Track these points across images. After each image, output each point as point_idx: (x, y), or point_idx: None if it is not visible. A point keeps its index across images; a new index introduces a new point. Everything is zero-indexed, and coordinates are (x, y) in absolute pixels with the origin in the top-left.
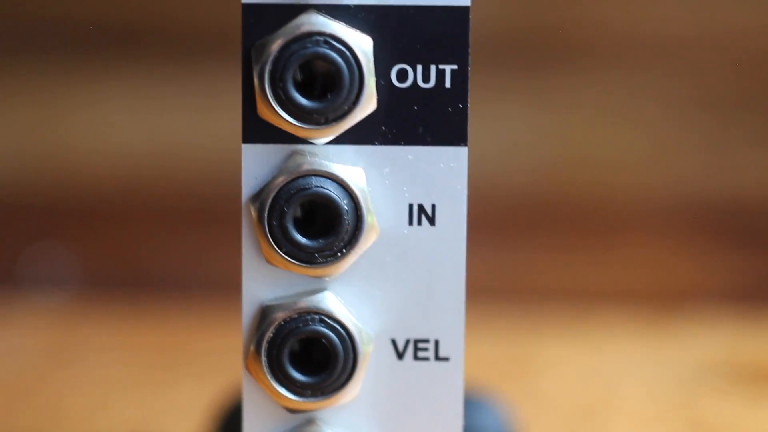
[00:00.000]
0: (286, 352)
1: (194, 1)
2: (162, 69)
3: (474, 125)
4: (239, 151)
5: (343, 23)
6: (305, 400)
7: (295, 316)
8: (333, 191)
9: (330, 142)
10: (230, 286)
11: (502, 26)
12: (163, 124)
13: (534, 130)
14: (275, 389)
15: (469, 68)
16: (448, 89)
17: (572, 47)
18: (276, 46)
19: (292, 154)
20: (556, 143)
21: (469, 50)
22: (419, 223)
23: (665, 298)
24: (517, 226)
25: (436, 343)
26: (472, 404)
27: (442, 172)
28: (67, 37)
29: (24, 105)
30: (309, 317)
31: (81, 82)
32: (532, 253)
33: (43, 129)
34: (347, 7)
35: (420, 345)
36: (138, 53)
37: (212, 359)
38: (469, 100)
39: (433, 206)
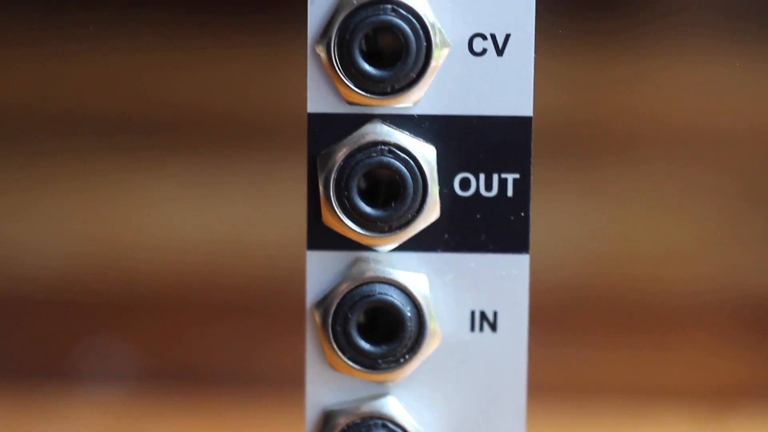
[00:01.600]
0: None
1: (250, 92)
2: (217, 161)
3: None
4: (293, 244)
5: (408, 132)
6: None
7: (358, 421)
8: (396, 298)
9: (393, 250)
10: (285, 382)
11: (553, 119)
12: (219, 216)
13: (585, 222)
14: None
15: (531, 177)
16: (510, 198)
17: (623, 140)
18: (341, 155)
19: (355, 261)
20: (607, 236)
21: (531, 159)
22: (481, 329)
23: (719, 395)
24: (568, 320)
25: None
26: None
27: (503, 279)
28: (124, 131)
29: (80, 199)
30: (372, 422)
31: (137, 174)
32: (585, 350)
33: (99, 222)
34: (411, 116)
35: None
36: (194, 145)
37: None
38: (530, 208)
39: (495, 313)
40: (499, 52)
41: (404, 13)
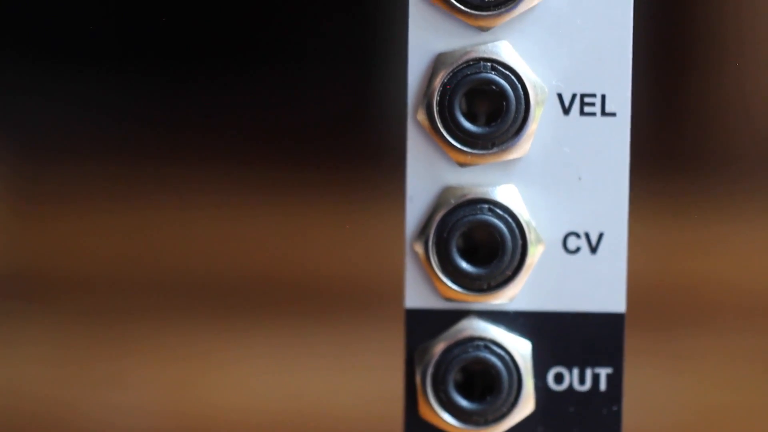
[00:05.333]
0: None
1: (329, 258)
2: (299, 328)
3: None
4: (376, 415)
5: (503, 327)
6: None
7: None
8: None
9: None
10: None
11: (634, 284)
12: (300, 383)
13: (666, 392)
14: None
15: (624, 372)
16: (602, 392)
17: (702, 308)
18: (438, 349)
19: None
20: (688, 406)
21: (624, 354)
22: None
23: None
24: None
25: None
26: None
27: None
28: (205, 299)
29: (163, 364)
30: None
31: (219, 339)
32: None
33: (181, 387)
34: (507, 312)
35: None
36: (275, 311)
37: None
38: (623, 403)
39: None
40: (593, 250)
41: (500, 212)
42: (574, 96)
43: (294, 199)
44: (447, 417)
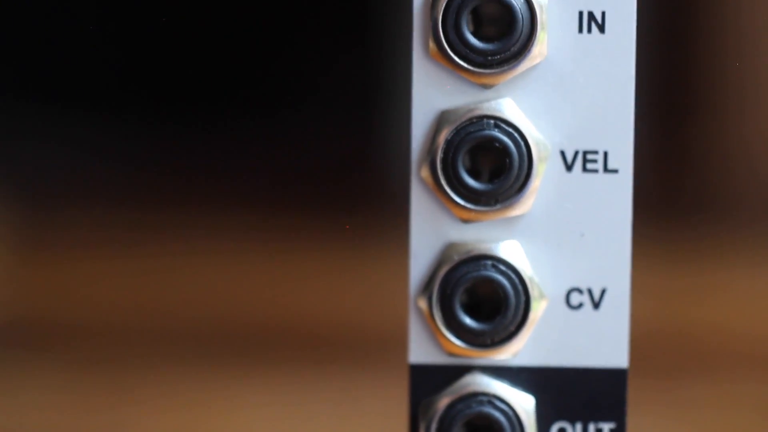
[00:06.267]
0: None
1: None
2: (302, 377)
3: None
4: None
5: (507, 382)
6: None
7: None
8: None
9: None
10: None
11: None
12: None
13: None
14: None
15: (626, 426)
16: None
17: (703, 356)
18: (442, 404)
19: None
20: None
21: (626, 409)
22: None
23: None
24: None
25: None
26: None
27: None
28: (208, 346)
29: (165, 412)
30: None
31: (221, 387)
32: None
33: None
34: (510, 368)
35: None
36: (277, 359)
37: None
38: None
39: None
40: (596, 305)
41: (503, 268)
42: (576, 153)
43: (297, 245)
44: None
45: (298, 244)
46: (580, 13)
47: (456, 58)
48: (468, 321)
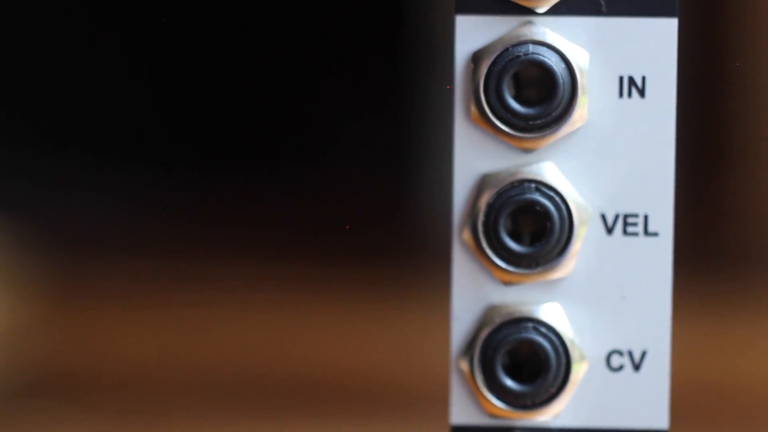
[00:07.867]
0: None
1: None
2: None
3: None
4: None
5: None
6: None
7: None
8: None
9: None
10: None
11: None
12: None
13: None
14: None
15: None
16: None
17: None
18: None
19: None
20: None
21: None
22: None
23: None
24: None
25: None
26: None
27: None
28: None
29: None
30: None
31: None
32: None
33: None
34: (550, 429)
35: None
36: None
37: None
38: None
39: None
40: (636, 367)
41: (544, 330)
42: (617, 216)
43: (325, 297)
44: None
45: (327, 296)
46: (621, 78)
47: (498, 123)
48: (509, 383)
